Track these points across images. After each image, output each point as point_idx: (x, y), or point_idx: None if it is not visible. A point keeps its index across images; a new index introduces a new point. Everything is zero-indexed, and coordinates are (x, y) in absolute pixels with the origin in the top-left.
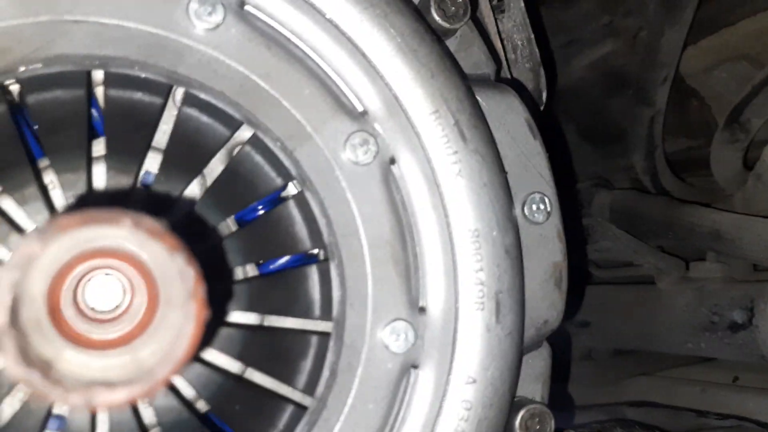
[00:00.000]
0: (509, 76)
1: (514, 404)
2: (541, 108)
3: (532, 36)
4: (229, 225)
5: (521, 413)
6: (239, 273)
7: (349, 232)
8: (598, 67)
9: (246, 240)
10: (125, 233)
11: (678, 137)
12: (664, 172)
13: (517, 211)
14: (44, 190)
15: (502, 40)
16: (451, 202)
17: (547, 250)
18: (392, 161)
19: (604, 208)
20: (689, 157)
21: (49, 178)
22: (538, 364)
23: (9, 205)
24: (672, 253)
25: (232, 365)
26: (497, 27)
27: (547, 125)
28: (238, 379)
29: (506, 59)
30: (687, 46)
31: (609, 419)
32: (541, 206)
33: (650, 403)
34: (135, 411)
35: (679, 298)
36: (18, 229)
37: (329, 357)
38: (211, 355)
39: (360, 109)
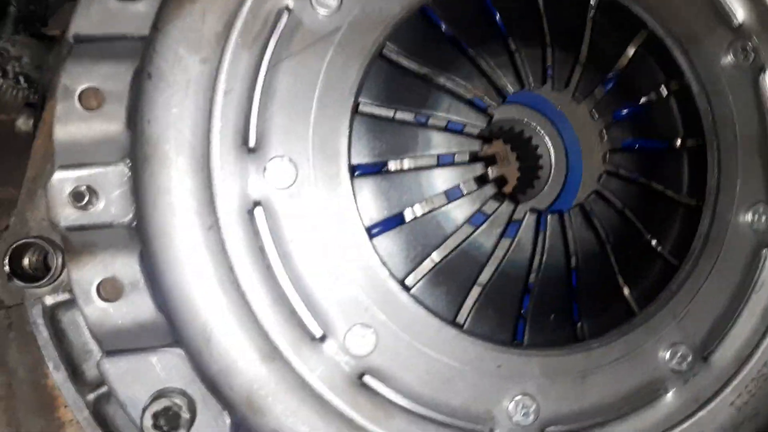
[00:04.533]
0: None
1: None
2: None
3: None
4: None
5: None
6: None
7: (727, 124)
8: None
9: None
10: None
11: None
12: None
13: None
14: (512, 58)
15: None
16: None
17: None
18: (762, 70)
19: None
20: None
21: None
22: None
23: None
24: None
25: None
26: None
27: None
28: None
29: None
30: None
31: None
32: None
33: None
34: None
35: None
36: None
37: (702, 227)
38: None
39: (738, 22)
